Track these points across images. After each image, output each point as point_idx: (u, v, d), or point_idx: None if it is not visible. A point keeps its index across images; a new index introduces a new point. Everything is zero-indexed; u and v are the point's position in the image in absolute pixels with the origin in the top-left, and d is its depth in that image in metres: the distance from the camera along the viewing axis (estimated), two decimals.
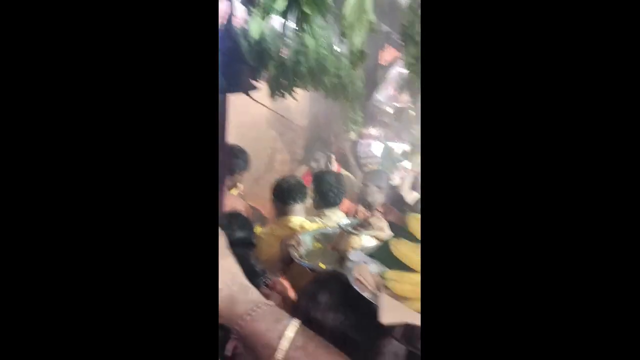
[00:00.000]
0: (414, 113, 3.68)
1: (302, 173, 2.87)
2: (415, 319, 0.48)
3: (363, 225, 1.28)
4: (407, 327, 0.50)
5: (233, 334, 0.48)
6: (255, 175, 3.58)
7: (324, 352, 0.46)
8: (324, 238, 1.45)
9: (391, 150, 3.59)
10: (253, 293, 0.49)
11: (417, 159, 2.68)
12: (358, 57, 1.14)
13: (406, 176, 2.55)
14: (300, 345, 0.45)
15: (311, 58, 1.92)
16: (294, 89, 2.05)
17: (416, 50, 1.12)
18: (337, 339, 0.60)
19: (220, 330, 0.49)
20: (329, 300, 0.68)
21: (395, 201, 2.31)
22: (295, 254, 1.24)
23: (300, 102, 2.42)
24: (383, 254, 0.68)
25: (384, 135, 3.60)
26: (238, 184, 2.01)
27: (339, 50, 2.19)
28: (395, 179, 3.03)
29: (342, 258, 1.27)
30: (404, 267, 0.62)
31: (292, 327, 0.46)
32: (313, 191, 1.91)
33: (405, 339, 0.55)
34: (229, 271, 0.49)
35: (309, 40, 1.63)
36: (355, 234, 1.23)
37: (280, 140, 3.33)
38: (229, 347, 0.49)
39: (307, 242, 1.38)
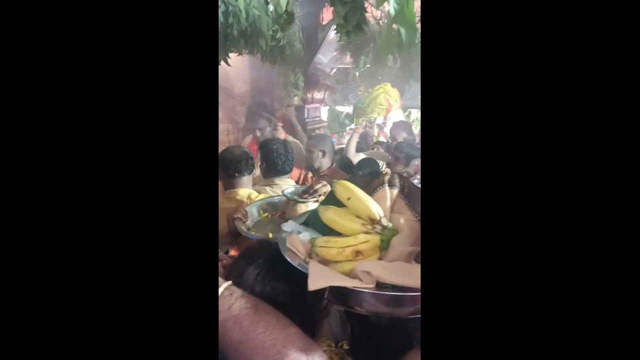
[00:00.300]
0: (357, 74, 3.67)
1: (247, 143, 2.79)
2: (340, 281, 0.51)
3: (308, 191, 1.29)
4: (334, 289, 0.53)
5: None
6: None
7: (250, 312, 0.47)
8: (271, 207, 1.45)
9: (337, 113, 3.59)
10: None
11: (361, 120, 2.70)
12: (286, 19, 1.09)
13: (351, 138, 2.58)
14: (225, 309, 0.46)
15: (243, 20, 1.80)
16: (228, 54, 1.93)
17: (343, 10, 1.09)
18: (275, 306, 0.62)
19: None
20: (262, 270, 0.69)
21: (343, 164, 2.35)
22: (242, 226, 1.23)
23: (236, 67, 2.29)
24: (315, 221, 0.70)
25: (330, 98, 3.58)
26: None
27: (273, 10, 2.08)
28: (344, 142, 3.07)
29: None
30: (332, 232, 0.64)
31: (220, 289, 0.47)
32: (261, 160, 1.87)
33: (336, 299, 0.58)
34: None
35: (239, 1, 1.51)
36: (301, 202, 1.24)
37: (220, 109, 3.17)
38: None
39: (254, 213, 1.37)
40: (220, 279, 0.50)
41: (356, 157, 2.47)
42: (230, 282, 0.49)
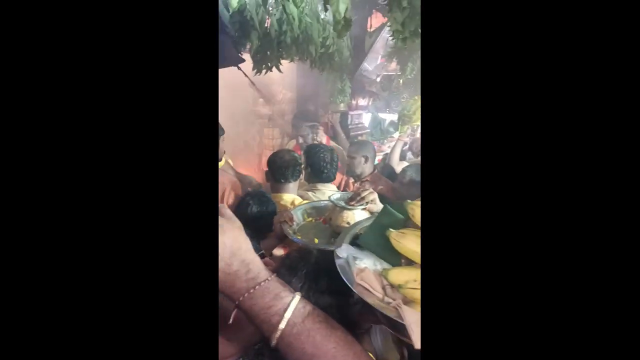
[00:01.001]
0: (402, 81, 3.62)
1: (291, 147, 2.85)
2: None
3: (354, 198, 1.28)
4: (386, 317, 0.50)
5: (234, 307, 0.49)
6: (245, 152, 3.55)
7: (322, 327, 0.47)
8: (316, 211, 1.46)
9: (380, 120, 3.56)
10: (253, 270, 0.49)
11: (406, 127, 2.66)
12: (343, 25, 1.10)
13: (395, 146, 2.55)
14: (299, 322, 0.46)
15: (296, 27, 1.85)
16: (280, 60, 1.98)
17: (402, 16, 1.08)
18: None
19: (225, 300, 0.50)
20: (305, 282, 0.68)
21: (385, 171, 2.32)
22: (289, 229, 1.24)
23: (285, 73, 2.36)
24: (370, 243, 0.67)
25: (373, 105, 3.56)
26: (224, 156, 1.97)
27: (324, 17, 2.11)
28: (385, 149, 3.03)
29: (335, 233, 1.29)
30: (392, 254, 0.60)
31: (292, 306, 0.46)
32: (305, 165, 1.89)
33: (392, 328, 0.53)
34: (229, 249, 0.48)
35: (292, 8, 1.56)
36: (348, 209, 1.24)
37: (268, 113, 3.27)
38: (233, 316, 0.51)
39: (298, 217, 1.39)
40: (289, 291, 0.49)
41: (399, 165, 2.43)
42: (300, 294, 0.49)
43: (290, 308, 0.46)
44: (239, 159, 2.93)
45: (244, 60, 1.44)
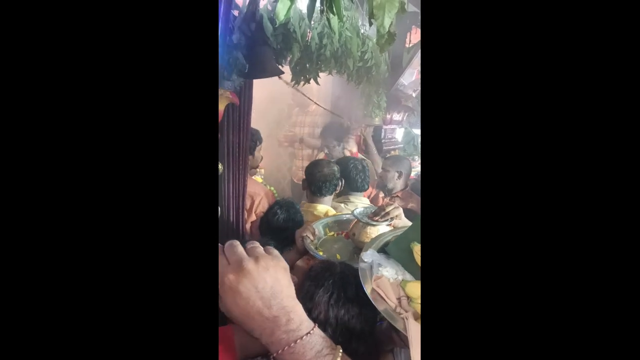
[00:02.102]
0: None
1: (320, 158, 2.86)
2: None
3: (378, 213, 1.26)
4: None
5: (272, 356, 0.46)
6: (277, 161, 3.60)
7: None
8: (337, 226, 1.44)
9: (414, 135, 3.51)
10: (294, 320, 0.45)
11: None
12: (387, 39, 1.10)
13: None
14: None
15: (335, 40, 1.87)
16: (319, 73, 2.01)
17: None
18: (350, 332, 0.60)
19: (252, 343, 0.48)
20: (332, 292, 0.67)
21: (417, 187, 2.28)
22: (311, 245, 1.22)
23: (322, 86, 2.39)
24: (398, 252, 0.66)
25: (407, 120, 3.52)
26: (259, 170, 2.01)
27: (364, 31, 2.13)
28: (417, 165, 2.97)
29: (357, 249, 1.27)
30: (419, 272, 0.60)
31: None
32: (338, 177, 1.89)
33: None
34: (270, 289, 0.45)
35: (334, 22, 1.58)
36: (372, 224, 1.21)
37: (302, 125, 3.31)
38: None
39: (320, 231, 1.37)
40: (331, 347, 0.46)
41: None
42: (341, 351, 0.46)
43: None
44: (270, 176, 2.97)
45: (283, 72, 1.47)
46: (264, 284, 0.45)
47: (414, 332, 0.47)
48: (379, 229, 1.20)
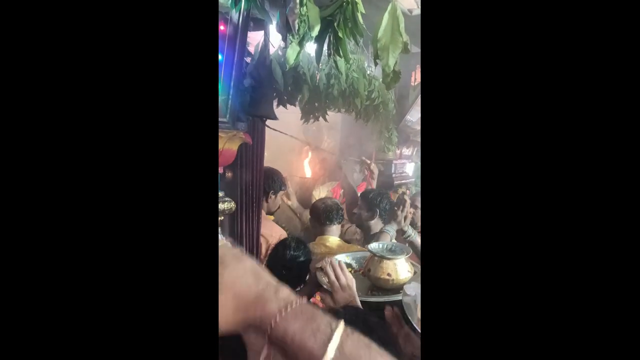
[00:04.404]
0: None
1: (332, 187, 2.86)
2: None
3: (394, 250, 1.23)
4: None
5: (266, 339, 0.44)
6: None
7: (368, 352, 0.41)
8: (355, 262, 1.41)
9: None
10: (284, 291, 0.45)
11: None
12: (392, 77, 1.15)
13: None
14: (346, 350, 0.40)
15: (343, 81, 1.96)
16: (327, 111, 2.08)
17: None
18: None
19: (251, 337, 0.47)
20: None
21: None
22: (324, 279, 1.19)
23: (331, 123, 2.46)
24: None
25: (416, 155, 3.54)
26: (276, 210, 2.02)
27: (370, 72, 2.22)
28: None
29: (374, 285, 1.23)
30: None
31: (337, 332, 0.41)
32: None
33: None
34: (251, 272, 0.46)
35: (341, 64, 1.67)
36: (388, 259, 1.18)
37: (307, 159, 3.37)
38: (263, 354, 0.45)
39: None
40: (315, 309, 0.45)
41: None
42: (343, 323, 0.43)
43: (338, 332, 0.41)
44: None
45: (276, 118, 1.54)
46: (243, 271, 0.45)
47: None
48: (396, 264, 1.17)
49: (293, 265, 1.37)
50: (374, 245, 1.27)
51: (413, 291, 0.64)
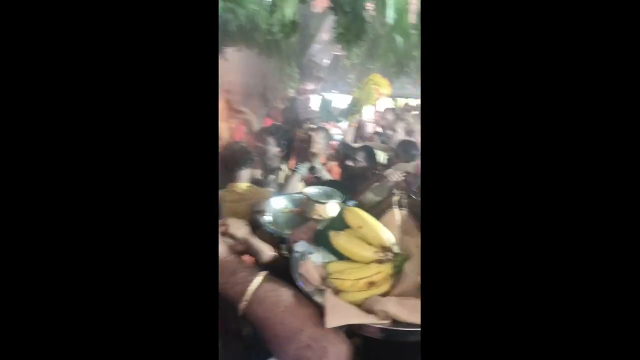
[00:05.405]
0: (349, 62, 3.67)
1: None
2: (357, 319, 0.52)
3: (329, 194, 1.34)
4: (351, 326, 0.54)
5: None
6: None
7: (287, 300, 0.51)
8: (292, 204, 1.49)
9: (327, 101, 3.59)
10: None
11: (355, 116, 2.75)
12: (290, 28, 1.13)
13: (346, 132, 2.64)
14: (263, 297, 0.50)
15: (241, 14, 1.81)
16: (225, 49, 1.94)
17: (345, 20, 1.13)
18: None
19: None
20: None
21: (344, 153, 2.39)
22: (265, 219, 1.26)
23: (231, 61, 2.30)
24: (327, 242, 0.74)
25: (320, 88, 3.58)
26: None
27: (269, 1, 2.07)
28: (339, 131, 3.10)
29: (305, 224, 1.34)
30: (343, 257, 0.68)
31: (256, 281, 0.50)
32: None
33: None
34: None
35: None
36: (322, 203, 1.29)
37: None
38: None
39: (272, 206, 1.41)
40: (239, 264, 0.53)
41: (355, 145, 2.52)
42: (265, 274, 0.52)
43: (255, 283, 0.50)
44: None
45: None
46: None
47: (328, 300, 0.55)
48: (327, 208, 1.28)
49: None
50: (309, 189, 1.35)
51: (301, 248, 0.73)
